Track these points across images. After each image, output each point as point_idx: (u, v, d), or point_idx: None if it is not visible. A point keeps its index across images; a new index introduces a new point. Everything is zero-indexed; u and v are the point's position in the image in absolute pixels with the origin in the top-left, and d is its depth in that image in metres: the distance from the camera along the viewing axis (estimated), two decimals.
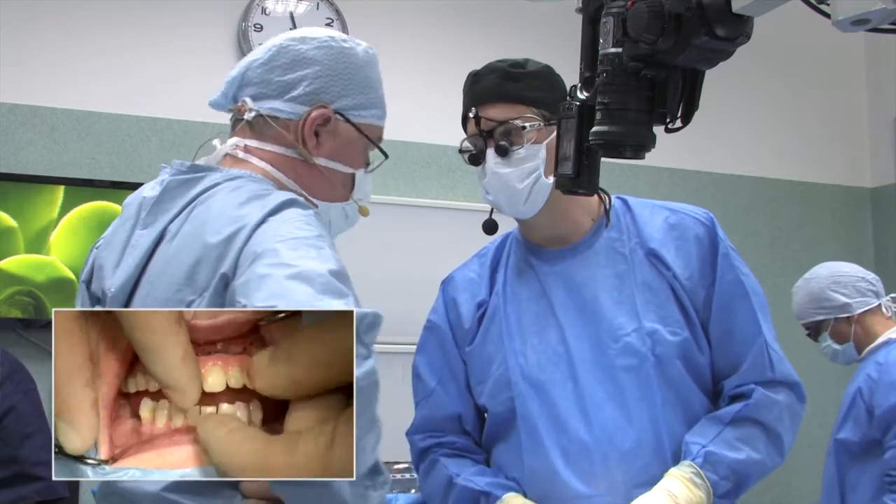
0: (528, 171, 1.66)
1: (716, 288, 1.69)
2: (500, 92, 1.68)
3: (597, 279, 1.71)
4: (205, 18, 3.45)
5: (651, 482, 1.61)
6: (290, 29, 1.72)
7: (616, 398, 1.64)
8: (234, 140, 1.43)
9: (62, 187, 3.13)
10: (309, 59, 1.42)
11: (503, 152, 1.66)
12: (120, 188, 3.18)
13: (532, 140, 1.66)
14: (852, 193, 4.32)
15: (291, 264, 1.14)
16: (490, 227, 1.78)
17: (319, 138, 1.42)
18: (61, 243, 3.11)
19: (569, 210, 1.73)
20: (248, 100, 1.42)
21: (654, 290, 1.69)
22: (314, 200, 1.42)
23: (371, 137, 1.47)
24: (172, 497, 1.17)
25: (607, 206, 1.74)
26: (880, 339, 2.85)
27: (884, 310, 2.89)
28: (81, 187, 3.15)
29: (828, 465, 2.89)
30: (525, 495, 1.66)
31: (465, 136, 1.73)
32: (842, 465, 2.82)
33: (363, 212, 1.52)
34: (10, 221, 3.06)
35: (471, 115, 1.69)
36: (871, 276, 2.94)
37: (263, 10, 3.49)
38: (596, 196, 1.75)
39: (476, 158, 1.70)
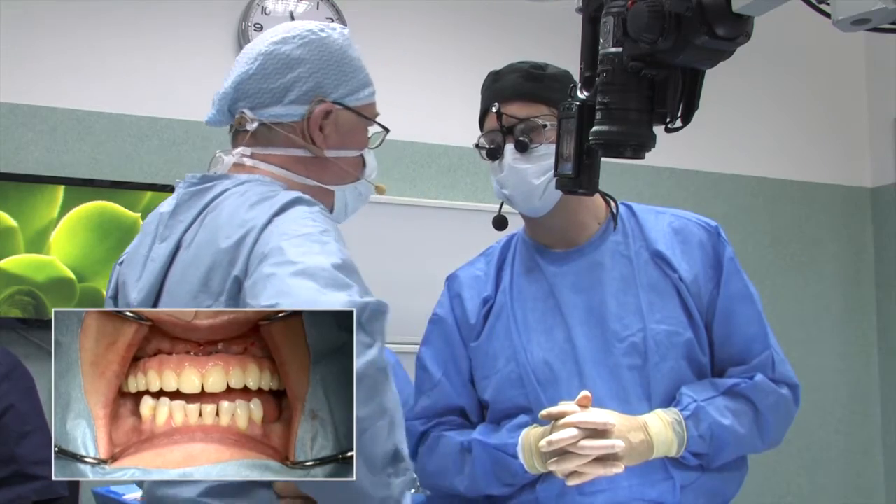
0: (545, 168, 1.68)
1: (721, 290, 1.72)
2: (522, 90, 1.72)
3: (603, 281, 1.73)
4: (205, 18, 3.45)
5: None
6: None
7: (620, 396, 1.67)
8: (239, 150, 1.46)
9: (62, 187, 3.13)
10: (296, 58, 1.45)
11: (523, 148, 1.69)
12: (120, 188, 3.19)
13: (550, 139, 1.67)
14: (852, 193, 4.32)
15: (295, 261, 1.17)
16: (500, 222, 1.79)
17: (324, 132, 1.46)
18: (61, 243, 3.10)
19: (577, 212, 1.76)
20: (246, 111, 1.45)
21: (659, 292, 1.72)
22: (328, 187, 1.47)
23: (370, 116, 1.52)
24: (206, 501, 1.20)
25: (614, 211, 1.77)
26: None
27: None
28: (81, 187, 3.15)
29: None
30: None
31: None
32: None
33: (379, 190, 1.57)
34: (10, 221, 3.06)
35: (493, 109, 1.72)
36: None
37: (263, 10, 3.49)
38: (602, 201, 1.77)
39: (494, 153, 1.73)
